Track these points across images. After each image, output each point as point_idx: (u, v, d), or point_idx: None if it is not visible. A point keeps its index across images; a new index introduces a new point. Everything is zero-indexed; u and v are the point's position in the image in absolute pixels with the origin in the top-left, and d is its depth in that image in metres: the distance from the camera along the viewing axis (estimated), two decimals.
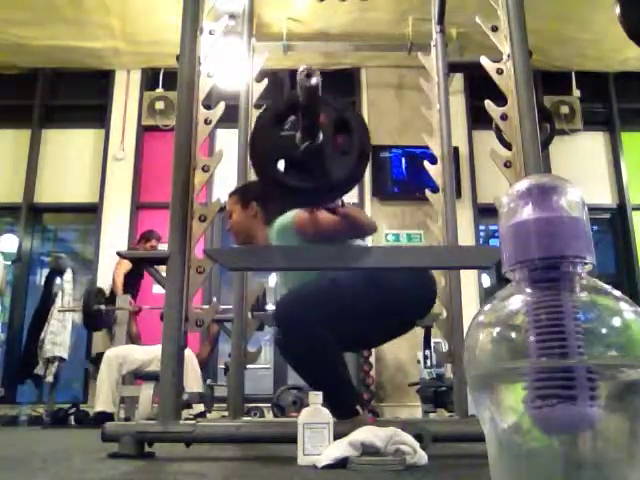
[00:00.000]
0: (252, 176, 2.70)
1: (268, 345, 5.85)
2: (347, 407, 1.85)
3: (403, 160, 6.13)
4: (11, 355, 5.63)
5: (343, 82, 6.22)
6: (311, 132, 1.41)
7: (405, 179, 6.13)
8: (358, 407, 1.89)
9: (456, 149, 5.66)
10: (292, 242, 2.00)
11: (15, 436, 3.46)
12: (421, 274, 2.07)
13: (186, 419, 1.95)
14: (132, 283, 5.07)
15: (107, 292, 5.09)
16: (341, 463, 1.25)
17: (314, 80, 1.28)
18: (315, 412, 1.39)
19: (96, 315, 4.70)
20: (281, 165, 1.48)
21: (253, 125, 1.55)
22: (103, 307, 4.76)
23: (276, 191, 1.57)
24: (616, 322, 0.42)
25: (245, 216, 2.23)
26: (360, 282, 1.96)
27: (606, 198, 6.39)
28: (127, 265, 4.87)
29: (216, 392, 4.63)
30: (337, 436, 1.34)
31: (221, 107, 1.90)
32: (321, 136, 1.42)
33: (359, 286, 1.95)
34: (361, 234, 2.04)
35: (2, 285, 5.30)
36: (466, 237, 5.70)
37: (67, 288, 5.39)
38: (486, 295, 5.79)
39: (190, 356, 4.18)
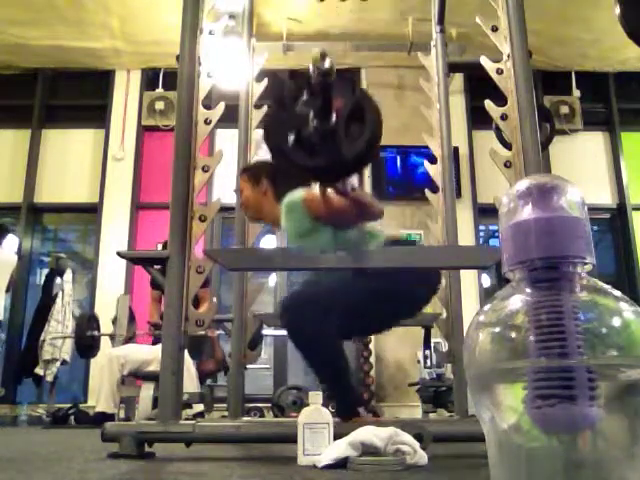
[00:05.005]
0: None
1: (268, 345, 5.85)
2: (348, 407, 1.86)
3: (403, 160, 6.13)
4: (11, 355, 5.63)
5: None
6: (324, 113, 1.41)
7: (405, 179, 6.13)
8: (361, 409, 1.90)
9: (456, 149, 5.66)
10: (301, 219, 2.04)
11: (15, 436, 3.45)
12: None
13: (185, 419, 1.95)
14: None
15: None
16: (341, 463, 1.25)
17: (327, 63, 1.29)
18: (315, 412, 1.38)
19: (89, 342, 4.58)
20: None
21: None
22: (96, 333, 4.65)
23: (286, 166, 1.58)
24: (616, 322, 0.42)
25: (256, 193, 2.27)
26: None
27: (606, 198, 6.39)
28: (155, 294, 4.74)
29: (216, 392, 4.61)
30: (337, 436, 1.34)
31: (221, 107, 1.90)
32: (334, 117, 1.43)
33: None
34: (368, 218, 2.06)
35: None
36: (466, 237, 5.70)
37: (67, 288, 5.39)
38: (486, 295, 5.79)
39: (186, 357, 4.14)
